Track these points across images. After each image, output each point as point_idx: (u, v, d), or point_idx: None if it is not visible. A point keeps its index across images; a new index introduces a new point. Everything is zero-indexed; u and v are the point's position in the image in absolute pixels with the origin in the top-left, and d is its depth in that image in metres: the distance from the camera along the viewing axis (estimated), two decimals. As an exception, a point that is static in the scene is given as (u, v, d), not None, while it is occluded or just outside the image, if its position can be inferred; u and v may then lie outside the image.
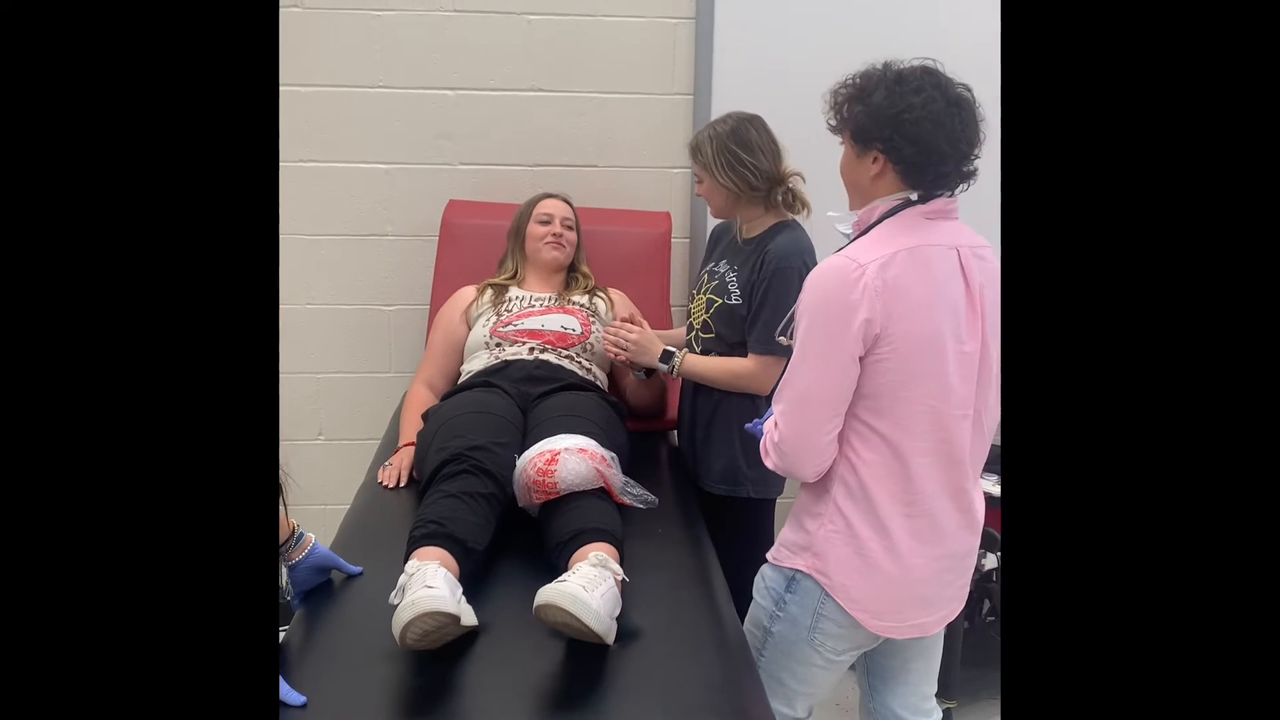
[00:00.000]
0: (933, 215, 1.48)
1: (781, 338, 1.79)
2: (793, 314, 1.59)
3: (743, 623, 1.62)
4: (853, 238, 1.51)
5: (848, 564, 1.50)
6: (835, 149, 1.56)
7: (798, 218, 2.07)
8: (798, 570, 1.55)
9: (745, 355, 2.05)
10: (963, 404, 1.48)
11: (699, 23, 2.58)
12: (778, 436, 1.48)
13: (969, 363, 1.47)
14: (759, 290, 1.99)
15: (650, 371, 2.18)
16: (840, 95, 1.51)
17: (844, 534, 1.50)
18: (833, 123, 1.54)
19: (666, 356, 2.09)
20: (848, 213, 1.57)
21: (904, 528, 1.49)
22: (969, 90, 1.46)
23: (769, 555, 1.63)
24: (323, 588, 1.59)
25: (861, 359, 1.43)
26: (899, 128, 1.42)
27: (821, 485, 1.52)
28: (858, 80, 1.49)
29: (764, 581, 1.63)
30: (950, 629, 1.70)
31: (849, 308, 1.39)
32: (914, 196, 1.47)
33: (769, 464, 1.53)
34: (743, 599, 1.68)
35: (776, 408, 1.50)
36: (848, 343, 1.40)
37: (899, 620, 1.54)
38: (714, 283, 2.11)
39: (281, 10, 2.48)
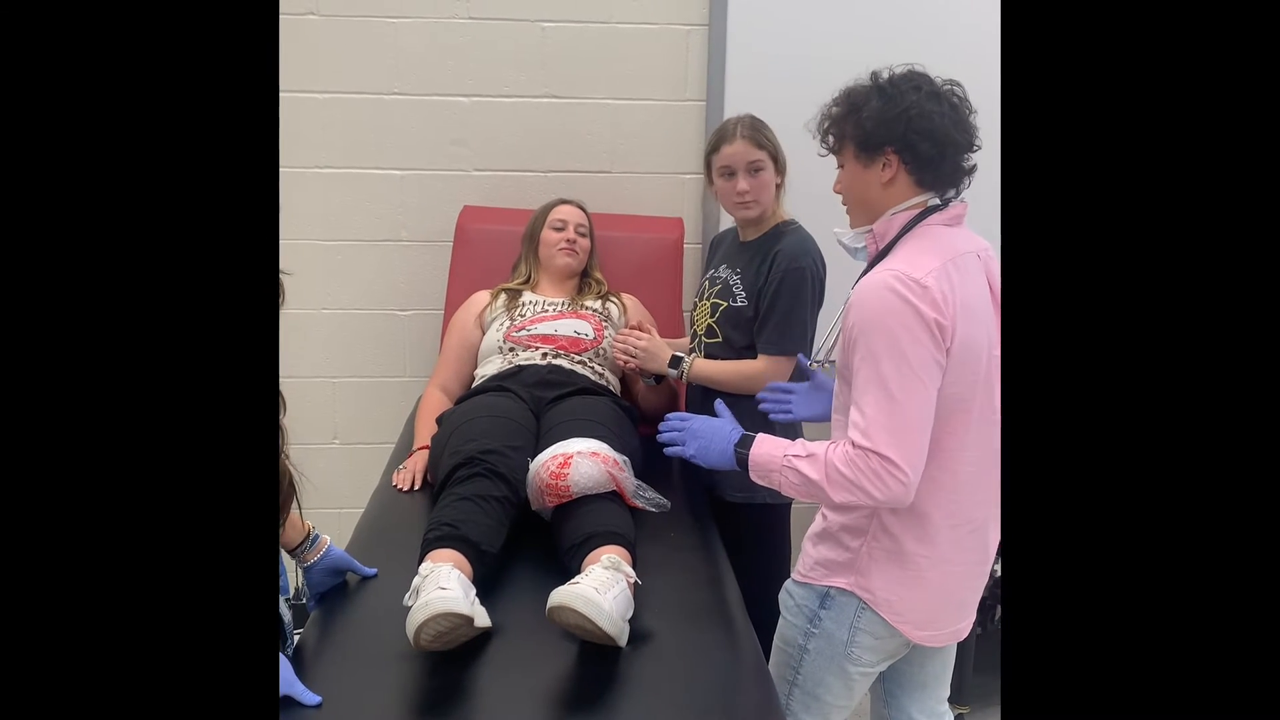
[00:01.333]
0: (952, 222, 1.49)
1: (817, 360, 1.76)
2: (832, 341, 1.58)
3: (754, 627, 1.62)
4: (871, 253, 1.51)
5: (892, 579, 1.50)
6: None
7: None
8: (832, 587, 1.55)
9: (753, 358, 2.06)
10: (998, 409, 1.47)
11: (712, 29, 2.59)
12: (903, 475, 1.35)
13: (998, 367, 1.47)
14: (769, 292, 2.00)
15: (660, 378, 2.19)
16: (830, 116, 1.52)
17: (890, 551, 1.49)
18: (827, 145, 1.54)
19: (675, 362, 2.10)
20: (858, 228, 1.55)
21: (950, 539, 1.49)
22: (956, 83, 1.48)
23: (799, 573, 1.61)
24: (338, 589, 1.61)
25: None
26: (910, 124, 1.42)
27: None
28: (845, 97, 1.50)
29: (793, 599, 1.62)
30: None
31: (920, 317, 1.36)
32: (933, 201, 1.48)
33: (859, 499, 1.39)
34: (756, 603, 1.68)
35: (876, 441, 1.36)
36: (933, 349, 1.37)
37: (940, 629, 1.55)
38: (717, 287, 2.12)
39: (297, 18, 2.51)
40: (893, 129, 1.44)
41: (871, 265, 1.48)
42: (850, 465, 1.38)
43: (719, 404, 1.65)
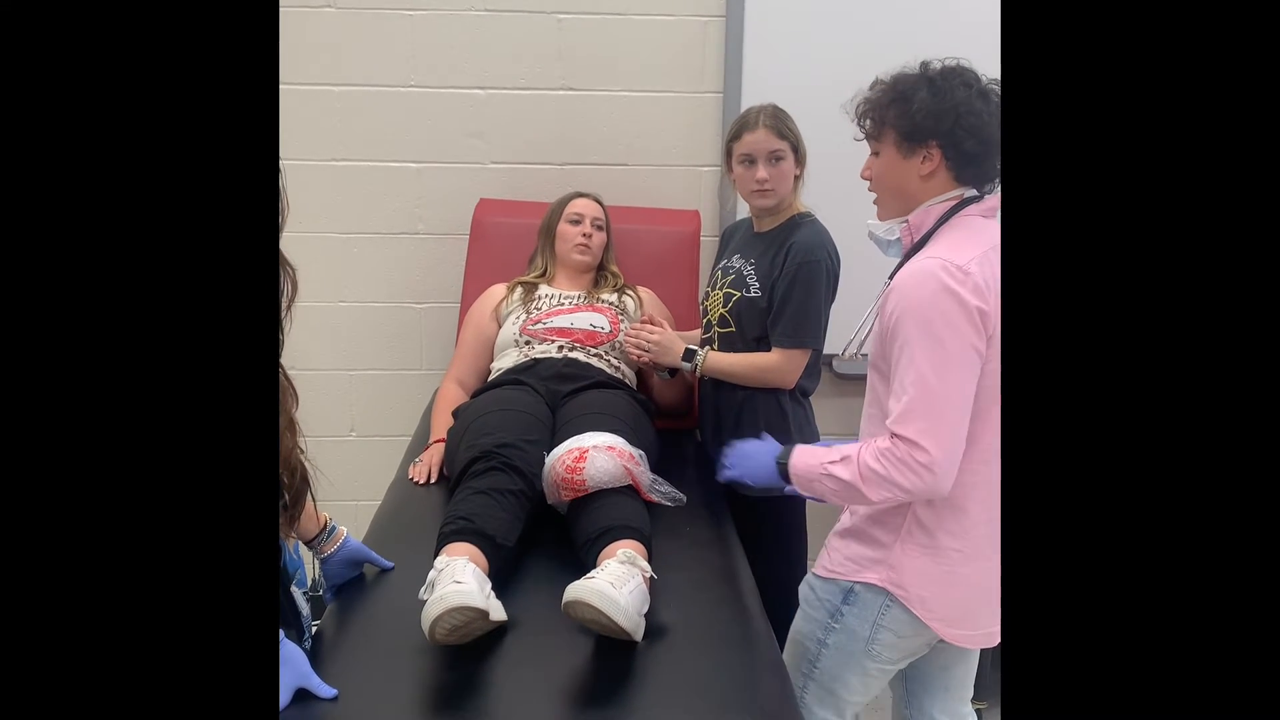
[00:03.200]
0: (989, 214, 1.47)
1: (850, 351, 1.75)
2: (866, 331, 1.56)
3: (770, 622, 1.61)
4: (906, 245, 1.50)
5: (926, 575, 1.48)
6: (866, 146, 1.55)
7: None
8: (859, 583, 1.53)
9: (765, 349, 2.05)
10: None
11: (729, 21, 2.57)
12: (926, 458, 1.35)
13: None
14: (783, 283, 2.00)
15: (674, 371, 2.18)
16: (874, 101, 1.50)
17: (925, 546, 1.48)
18: (865, 129, 1.52)
19: (689, 355, 2.10)
20: (892, 220, 1.54)
21: (985, 534, 1.46)
22: (997, 83, 1.45)
23: (824, 568, 1.60)
24: (355, 582, 1.61)
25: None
26: (959, 120, 1.42)
27: None
28: (892, 83, 1.48)
29: (815, 594, 1.61)
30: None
31: (962, 305, 1.35)
32: (970, 194, 1.47)
33: (893, 493, 1.38)
34: (771, 598, 1.68)
35: (907, 429, 1.36)
36: (973, 337, 1.36)
37: (974, 629, 1.52)
38: (730, 277, 2.11)
39: (314, 10, 2.52)
40: (941, 123, 1.43)
41: (909, 256, 1.48)
42: (880, 460, 1.37)
43: (764, 435, 1.66)
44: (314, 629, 1.52)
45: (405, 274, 2.72)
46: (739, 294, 2.08)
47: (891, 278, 1.48)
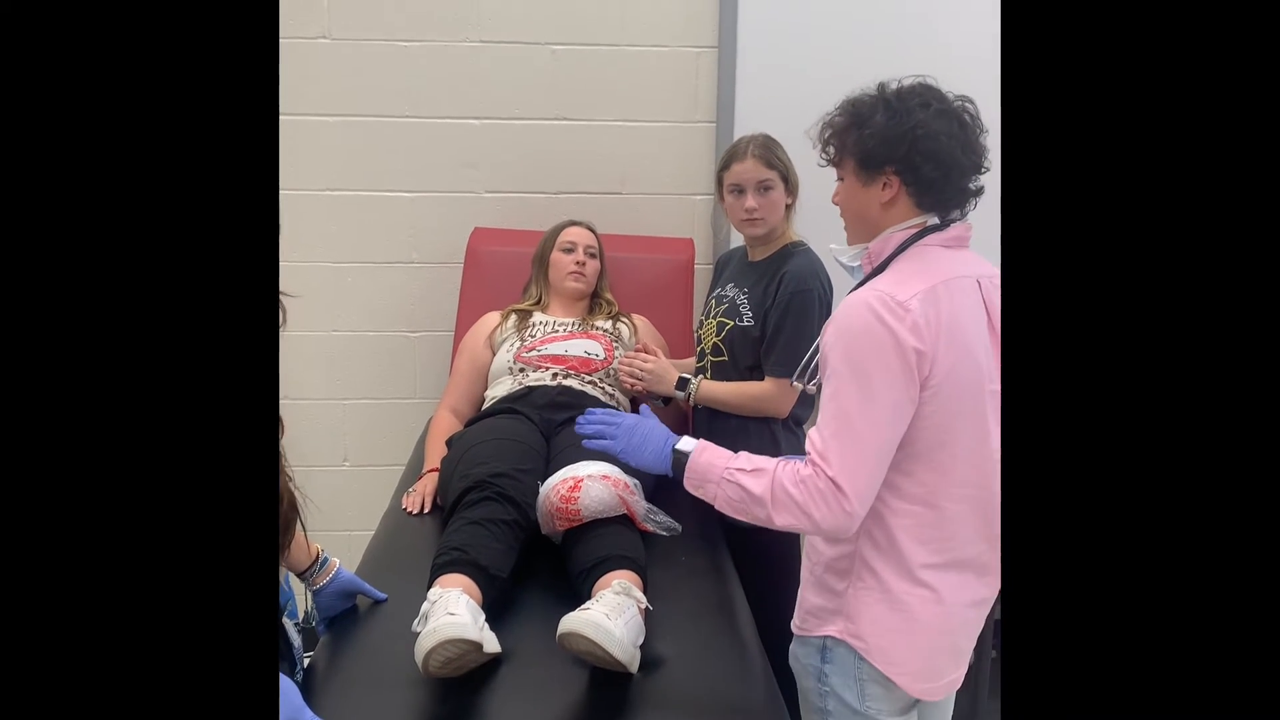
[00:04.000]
0: (951, 244, 1.41)
1: (798, 382, 1.70)
2: (813, 360, 1.48)
3: (767, 650, 1.60)
4: (866, 272, 1.43)
5: (883, 623, 1.39)
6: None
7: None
8: (827, 637, 1.44)
9: (759, 378, 2.06)
10: (996, 448, 1.38)
11: (721, 52, 2.60)
12: (849, 505, 1.29)
13: (996, 402, 1.37)
14: (776, 313, 2.00)
15: (669, 399, 2.19)
16: (833, 126, 1.44)
17: (877, 591, 1.39)
18: (827, 156, 1.47)
19: (683, 384, 2.10)
20: (855, 246, 1.48)
21: (937, 577, 1.39)
22: (969, 100, 1.40)
23: (794, 627, 1.52)
24: (348, 613, 1.60)
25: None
26: (914, 144, 1.35)
27: (844, 541, 1.41)
28: (849, 108, 1.42)
29: (798, 660, 1.52)
30: (978, 656, 1.65)
31: (896, 342, 1.29)
32: (932, 221, 1.41)
33: (801, 523, 1.32)
34: (767, 628, 1.67)
35: (829, 467, 1.30)
36: (904, 382, 1.30)
37: (938, 679, 1.44)
38: (723, 306, 2.12)
39: (310, 41, 2.53)
40: (895, 148, 1.36)
41: (862, 284, 1.41)
42: (799, 486, 1.31)
43: (644, 407, 1.59)
44: (306, 661, 1.51)
45: (400, 303, 2.72)
46: (732, 323, 2.09)
47: None
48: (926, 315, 1.30)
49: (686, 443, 1.45)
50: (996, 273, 1.41)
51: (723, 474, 1.38)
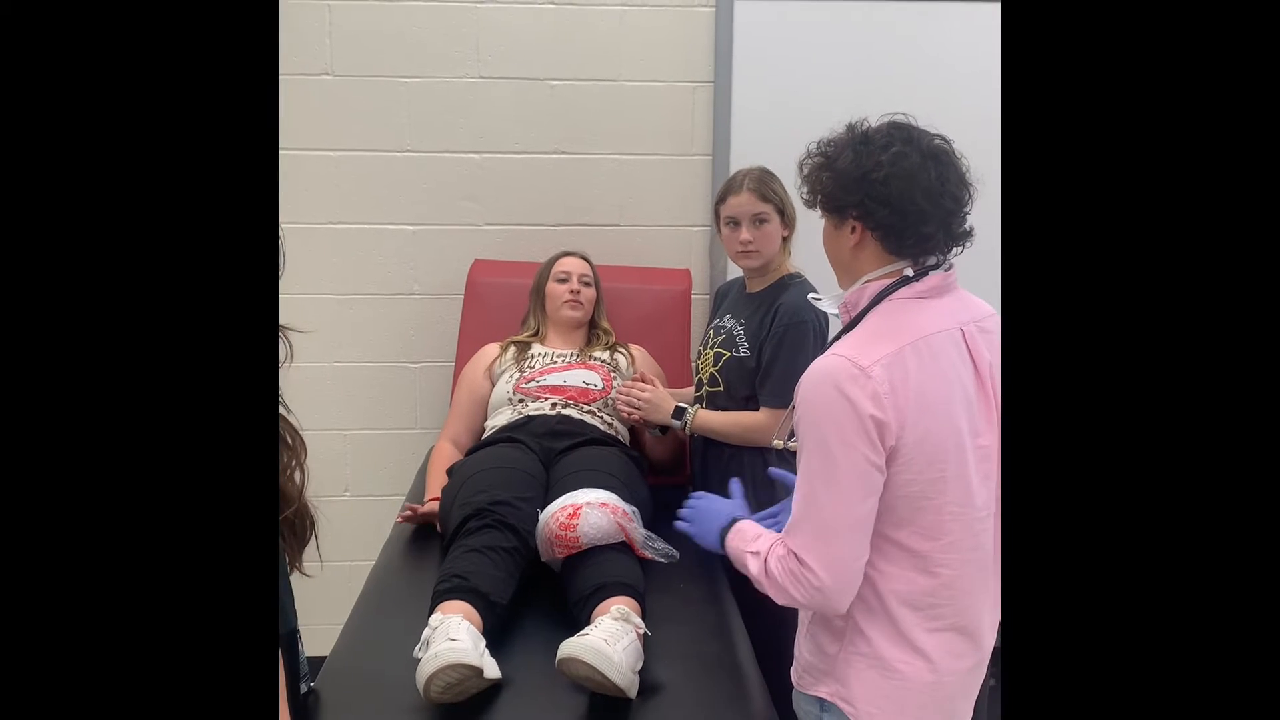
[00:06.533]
0: (928, 294, 1.34)
1: (778, 440, 1.69)
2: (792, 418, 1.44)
3: (764, 678, 1.60)
4: (845, 322, 1.39)
5: (874, 689, 1.34)
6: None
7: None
8: (822, 700, 1.40)
9: (754, 408, 2.08)
10: (986, 504, 1.34)
11: (717, 86, 2.64)
12: (816, 580, 1.27)
13: (986, 458, 1.34)
14: (770, 344, 2.03)
15: (666, 428, 2.21)
16: (809, 165, 1.40)
17: (868, 656, 1.34)
18: (806, 195, 1.42)
19: (679, 413, 2.13)
20: (832, 293, 1.46)
21: (931, 641, 1.34)
22: (946, 141, 1.34)
23: (792, 678, 1.47)
24: (349, 640, 1.61)
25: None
26: (869, 189, 1.29)
27: None
28: (826, 147, 1.38)
29: (800, 708, 1.47)
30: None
31: (857, 415, 1.24)
32: (908, 273, 1.34)
33: (790, 602, 1.31)
34: (766, 654, 1.68)
35: (795, 541, 1.29)
36: (867, 452, 1.25)
37: None
38: (720, 337, 2.15)
39: (313, 78, 2.58)
40: (852, 193, 1.31)
41: (838, 337, 1.37)
42: (780, 565, 1.30)
43: (734, 483, 1.58)
44: (308, 687, 1.52)
45: (400, 334, 2.75)
46: (729, 354, 2.11)
47: None
48: (892, 382, 1.26)
49: (731, 524, 1.43)
50: (991, 312, 1.40)
51: (739, 557, 1.38)
